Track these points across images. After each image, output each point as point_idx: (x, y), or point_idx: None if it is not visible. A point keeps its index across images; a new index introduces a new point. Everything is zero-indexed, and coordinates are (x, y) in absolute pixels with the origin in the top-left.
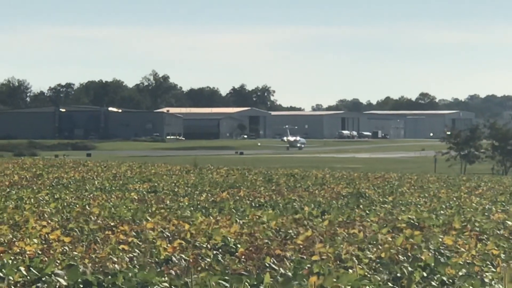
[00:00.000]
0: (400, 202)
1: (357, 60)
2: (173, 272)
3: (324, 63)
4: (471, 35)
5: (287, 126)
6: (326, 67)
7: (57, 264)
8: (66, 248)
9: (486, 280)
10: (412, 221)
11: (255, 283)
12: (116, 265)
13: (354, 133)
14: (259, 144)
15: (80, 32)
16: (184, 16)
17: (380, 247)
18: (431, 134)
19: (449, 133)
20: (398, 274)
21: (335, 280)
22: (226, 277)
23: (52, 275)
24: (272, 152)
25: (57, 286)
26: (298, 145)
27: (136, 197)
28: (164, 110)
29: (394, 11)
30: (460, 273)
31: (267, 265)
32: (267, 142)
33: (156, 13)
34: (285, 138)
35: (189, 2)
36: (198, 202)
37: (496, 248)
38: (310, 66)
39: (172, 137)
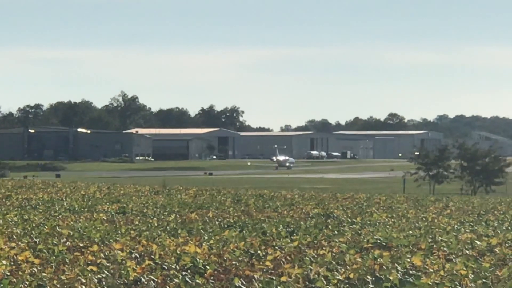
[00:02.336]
0: (369, 222)
1: (326, 80)
2: None
3: (293, 84)
4: (439, 56)
5: (276, 146)
6: (295, 88)
7: (26, 286)
8: (35, 269)
9: None
10: (380, 242)
11: None
12: (84, 286)
13: (323, 153)
14: (249, 163)
15: (49, 53)
16: (152, 37)
17: (349, 268)
18: (400, 155)
19: (417, 153)
20: None
21: None
22: None
23: None
24: (261, 172)
25: None
26: (287, 164)
27: (105, 218)
28: (133, 131)
29: (362, 32)
30: None
31: (236, 286)
32: (257, 162)
33: (124, 35)
34: (274, 158)
35: (157, 23)
36: (167, 223)
37: (464, 269)
38: (279, 87)
39: (141, 158)
